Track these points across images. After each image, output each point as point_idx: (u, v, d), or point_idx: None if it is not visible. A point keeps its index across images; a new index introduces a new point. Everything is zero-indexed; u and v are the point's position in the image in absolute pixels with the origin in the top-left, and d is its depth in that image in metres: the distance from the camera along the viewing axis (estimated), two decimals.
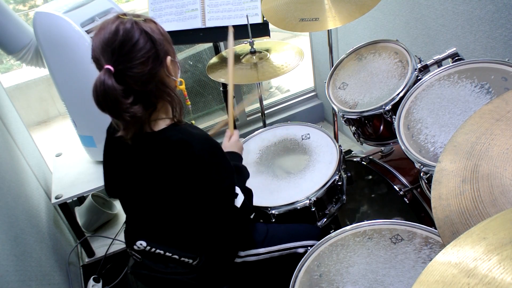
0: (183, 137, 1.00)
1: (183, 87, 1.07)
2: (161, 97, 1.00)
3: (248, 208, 1.15)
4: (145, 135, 1.02)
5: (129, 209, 1.21)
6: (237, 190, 1.13)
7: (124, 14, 0.96)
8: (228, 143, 1.36)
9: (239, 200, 1.12)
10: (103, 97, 0.90)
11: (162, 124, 1.03)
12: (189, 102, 1.18)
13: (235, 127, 1.41)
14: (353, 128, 1.57)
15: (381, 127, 1.46)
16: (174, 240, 1.14)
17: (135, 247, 1.14)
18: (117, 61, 0.90)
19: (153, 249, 1.13)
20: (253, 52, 1.77)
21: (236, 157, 1.32)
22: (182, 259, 1.13)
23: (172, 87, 1.02)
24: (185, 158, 0.99)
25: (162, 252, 1.13)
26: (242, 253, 1.25)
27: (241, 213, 1.12)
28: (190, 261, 1.13)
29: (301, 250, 1.29)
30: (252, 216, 1.17)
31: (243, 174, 1.27)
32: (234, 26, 1.78)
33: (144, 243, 1.13)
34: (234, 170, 1.11)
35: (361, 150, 2.43)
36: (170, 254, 1.12)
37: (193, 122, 1.24)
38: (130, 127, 0.97)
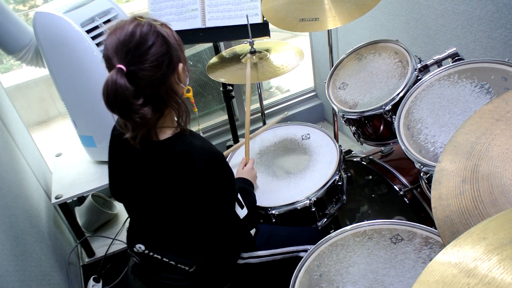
0: (186, 149, 1.00)
1: (190, 94, 1.06)
2: (169, 104, 0.99)
3: (250, 222, 1.17)
4: (150, 143, 1.01)
5: (132, 212, 1.22)
6: (243, 202, 1.14)
7: (141, 17, 0.95)
8: (242, 170, 1.39)
9: (244, 213, 1.13)
10: (114, 96, 0.88)
11: (168, 132, 1.02)
12: (196, 109, 1.19)
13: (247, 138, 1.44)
14: (353, 128, 1.57)
15: (381, 127, 1.46)
16: (172, 246, 1.14)
17: (134, 249, 1.15)
18: (130, 61, 0.89)
19: (151, 253, 1.14)
20: (253, 52, 1.77)
21: (248, 183, 1.34)
22: (179, 265, 1.13)
23: (180, 94, 1.02)
24: (187, 170, 1.00)
25: (159, 257, 1.13)
26: (244, 255, 1.25)
27: (242, 224, 1.13)
28: (186, 268, 1.14)
29: (303, 254, 1.29)
30: (253, 232, 1.20)
31: (251, 199, 1.28)
32: (234, 26, 1.79)
33: (142, 247, 1.13)
34: (234, 178, 1.12)
35: (361, 150, 2.42)
36: (167, 260, 1.13)
37: (199, 128, 1.25)
38: (139, 129, 0.96)
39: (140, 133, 0.98)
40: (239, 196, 1.13)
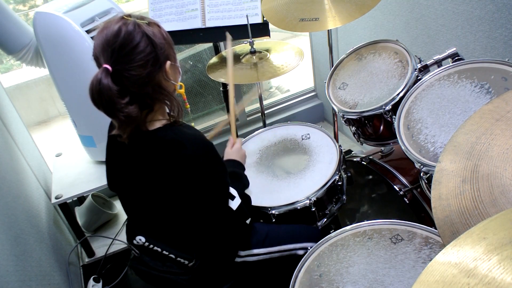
0: (176, 137, 1.00)
1: (182, 91, 1.07)
2: (158, 100, 1.00)
3: (244, 213, 1.16)
4: (140, 134, 1.02)
5: (128, 205, 1.22)
6: (234, 193, 1.13)
7: (129, 16, 0.96)
8: (231, 151, 1.37)
9: (236, 203, 1.12)
10: (98, 95, 0.91)
11: (158, 124, 1.03)
12: (188, 106, 1.19)
13: (237, 135, 1.40)
14: (353, 128, 1.57)
15: (381, 127, 1.46)
16: (171, 239, 1.14)
17: (134, 241, 1.15)
18: (116, 61, 0.91)
19: (151, 246, 1.14)
20: (253, 52, 1.77)
21: (237, 165, 1.33)
22: (178, 259, 1.14)
23: (170, 90, 1.02)
24: (178, 157, 1.00)
25: (159, 249, 1.14)
26: (242, 253, 1.25)
27: (236, 216, 1.13)
28: (186, 262, 1.14)
29: (300, 252, 1.29)
30: (248, 222, 1.19)
31: (243, 181, 1.28)
32: (234, 26, 1.78)
33: (143, 239, 1.14)
34: (227, 170, 1.12)
35: (361, 150, 2.42)
36: (167, 253, 1.13)
37: (192, 124, 1.24)
38: (125, 126, 0.98)
39: (127, 130, 0.99)
40: (230, 188, 1.13)
